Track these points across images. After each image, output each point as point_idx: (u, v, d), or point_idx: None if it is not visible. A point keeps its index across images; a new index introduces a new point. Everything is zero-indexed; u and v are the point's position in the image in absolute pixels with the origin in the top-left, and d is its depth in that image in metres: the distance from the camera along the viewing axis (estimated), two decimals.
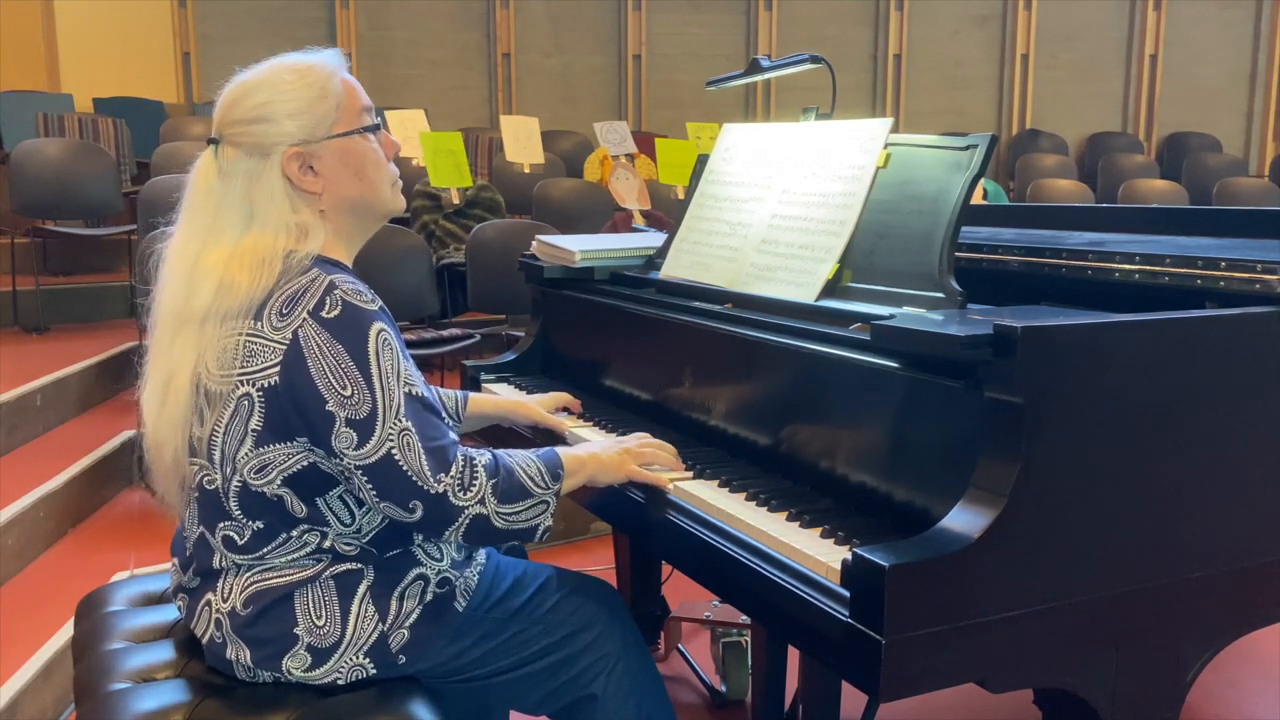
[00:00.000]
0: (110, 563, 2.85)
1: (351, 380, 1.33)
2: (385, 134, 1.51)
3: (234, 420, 1.36)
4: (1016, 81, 9.13)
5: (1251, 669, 2.58)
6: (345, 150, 1.44)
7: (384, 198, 1.50)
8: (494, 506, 1.38)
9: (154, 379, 1.42)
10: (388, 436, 1.33)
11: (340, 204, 1.45)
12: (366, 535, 1.42)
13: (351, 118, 1.45)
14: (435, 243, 5.12)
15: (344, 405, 1.32)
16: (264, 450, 1.36)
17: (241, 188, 1.40)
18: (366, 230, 1.53)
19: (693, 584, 1.66)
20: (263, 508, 1.38)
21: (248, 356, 1.35)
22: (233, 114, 1.42)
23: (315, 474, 1.37)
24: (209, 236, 1.40)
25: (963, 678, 1.17)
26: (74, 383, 4.01)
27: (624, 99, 8.51)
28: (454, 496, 1.35)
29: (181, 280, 1.40)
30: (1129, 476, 1.23)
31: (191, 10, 7.55)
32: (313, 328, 1.33)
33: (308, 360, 1.33)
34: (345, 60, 1.49)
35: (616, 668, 1.53)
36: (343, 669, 1.40)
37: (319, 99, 1.42)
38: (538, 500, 1.42)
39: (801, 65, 2.12)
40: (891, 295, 1.52)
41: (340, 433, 1.33)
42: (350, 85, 1.46)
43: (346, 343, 1.33)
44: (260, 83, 1.42)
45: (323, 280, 1.36)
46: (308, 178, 1.42)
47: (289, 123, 1.40)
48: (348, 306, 1.35)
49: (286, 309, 1.35)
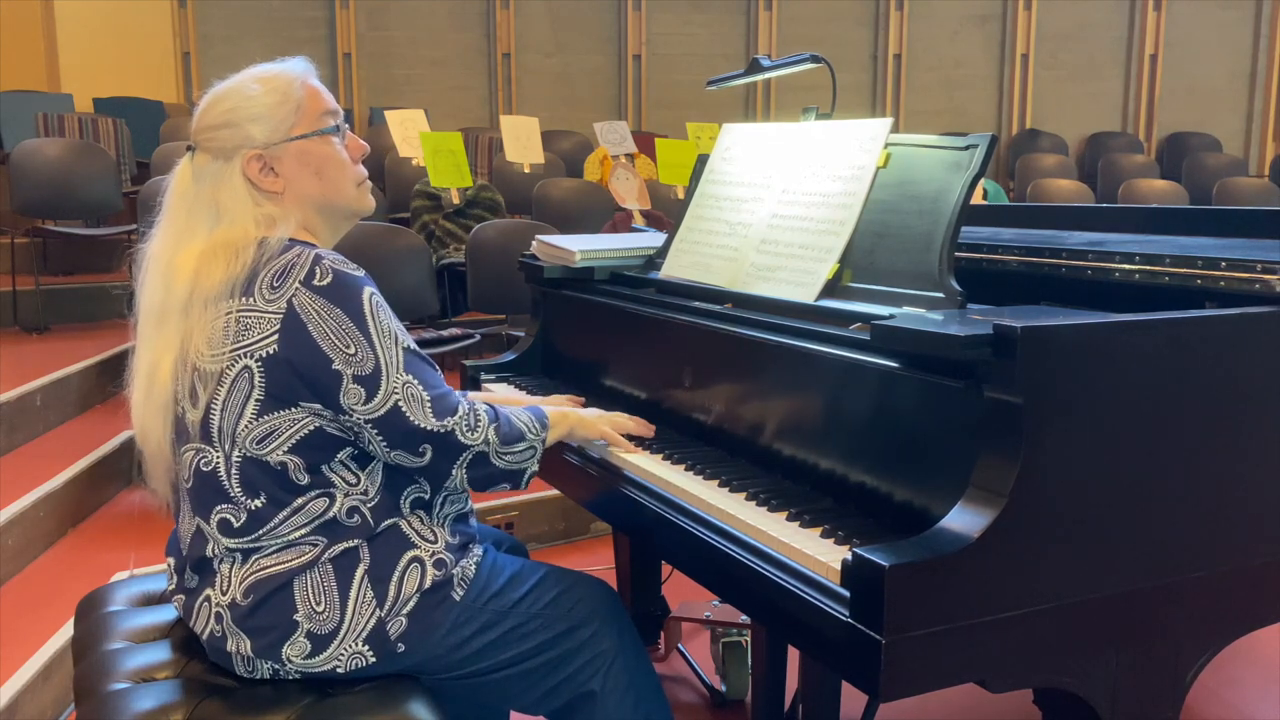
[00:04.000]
0: (110, 563, 2.85)
1: (354, 339, 1.40)
2: (353, 136, 1.59)
3: (232, 394, 1.41)
4: (1016, 81, 9.14)
5: (1251, 669, 2.58)
6: (304, 151, 1.51)
7: (347, 197, 1.57)
8: (496, 446, 1.50)
9: (139, 371, 1.50)
10: (393, 390, 1.41)
11: (303, 202, 1.52)
12: (371, 497, 1.46)
13: (311, 120, 1.52)
14: (435, 243, 5.12)
15: (349, 363, 1.40)
16: (267, 418, 1.41)
17: (210, 189, 1.49)
18: (336, 228, 1.60)
19: (693, 584, 1.66)
20: (264, 481, 1.41)
21: (242, 331, 1.40)
22: (203, 121, 1.51)
23: (321, 438, 1.43)
24: (183, 236, 1.48)
25: (963, 678, 1.17)
26: (74, 383, 4.01)
27: (624, 99, 8.51)
28: (461, 435, 1.46)
29: (158, 277, 1.48)
30: (1129, 476, 1.23)
31: (191, 10, 7.55)
32: (307, 296, 1.40)
33: (308, 325, 1.39)
34: (312, 67, 1.57)
35: (614, 665, 1.53)
36: (342, 656, 1.41)
37: (279, 104, 1.50)
38: (529, 444, 1.54)
39: (801, 65, 2.12)
40: (891, 295, 1.52)
41: (348, 389, 1.40)
42: (313, 90, 1.54)
43: (343, 305, 1.40)
44: (229, 91, 1.51)
45: (308, 254, 1.43)
46: (268, 178, 1.50)
47: (251, 127, 1.48)
48: (338, 274, 1.42)
49: (278, 281, 1.41)
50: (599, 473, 1.71)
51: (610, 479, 1.67)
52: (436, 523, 1.52)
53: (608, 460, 1.70)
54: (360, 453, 1.46)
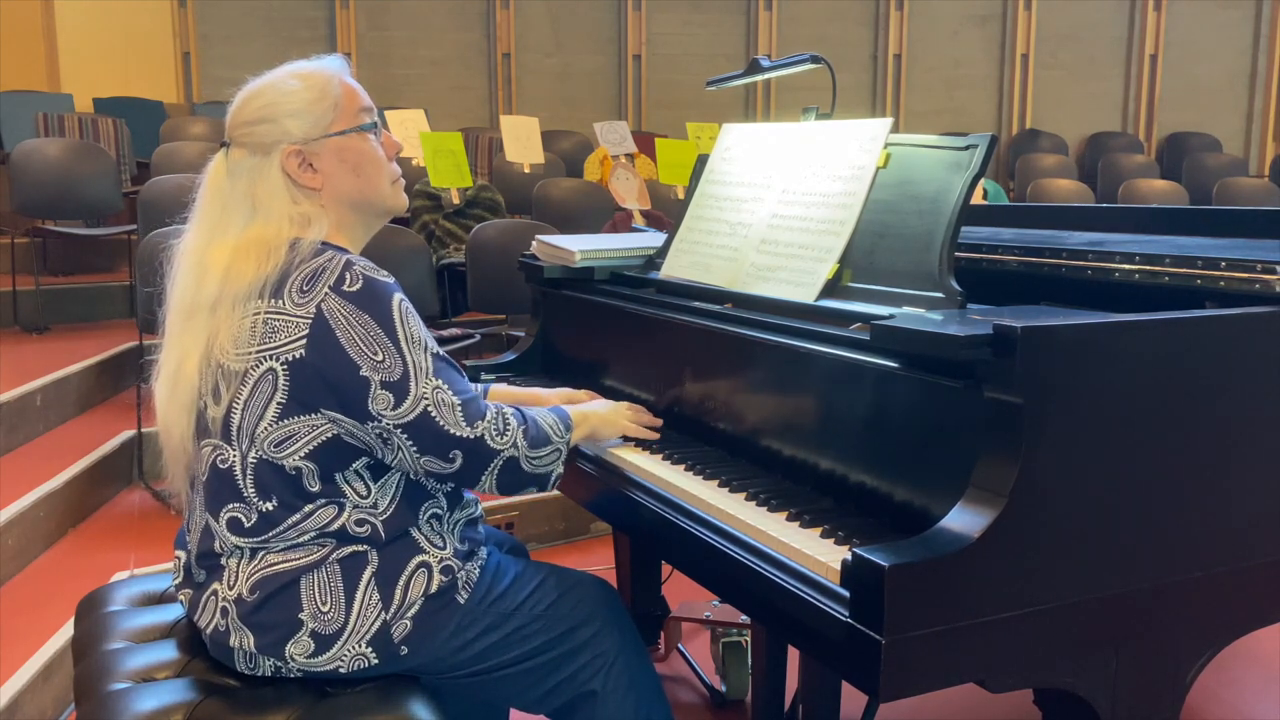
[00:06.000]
0: (110, 563, 2.85)
1: (382, 346, 1.40)
2: (386, 134, 1.58)
3: (255, 395, 1.41)
4: (1016, 81, 9.13)
5: (1251, 669, 2.58)
6: (343, 148, 1.50)
7: (383, 194, 1.56)
8: (525, 450, 1.49)
9: (165, 366, 1.49)
10: (422, 395, 1.41)
11: (340, 199, 1.51)
12: (382, 511, 1.45)
13: (349, 117, 1.51)
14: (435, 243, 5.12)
15: (378, 370, 1.39)
16: (287, 422, 1.40)
17: (245, 185, 1.48)
18: (369, 226, 1.59)
19: (693, 584, 1.66)
20: (277, 484, 1.41)
21: (269, 333, 1.40)
22: (240, 116, 1.50)
23: (338, 446, 1.42)
24: (215, 231, 1.47)
25: (963, 678, 1.17)
26: (74, 383, 4.00)
27: (624, 99, 8.50)
28: (491, 440, 1.45)
29: (190, 273, 1.47)
30: (1129, 476, 1.23)
31: (191, 10, 7.54)
32: (336, 301, 1.40)
33: (336, 331, 1.39)
34: (348, 65, 1.57)
35: (615, 665, 1.54)
36: (345, 657, 1.41)
37: (318, 100, 1.49)
38: (554, 448, 1.54)
39: (801, 65, 2.12)
40: (891, 295, 1.52)
41: (377, 395, 1.39)
42: (350, 87, 1.53)
43: (373, 312, 1.40)
44: (265, 87, 1.51)
45: (340, 259, 1.43)
46: (306, 174, 1.49)
47: (289, 122, 1.48)
48: (368, 280, 1.42)
49: (308, 285, 1.41)
50: (599, 473, 1.71)
51: (610, 479, 1.67)
52: (446, 529, 1.52)
53: (608, 460, 1.70)
54: (375, 464, 1.45)
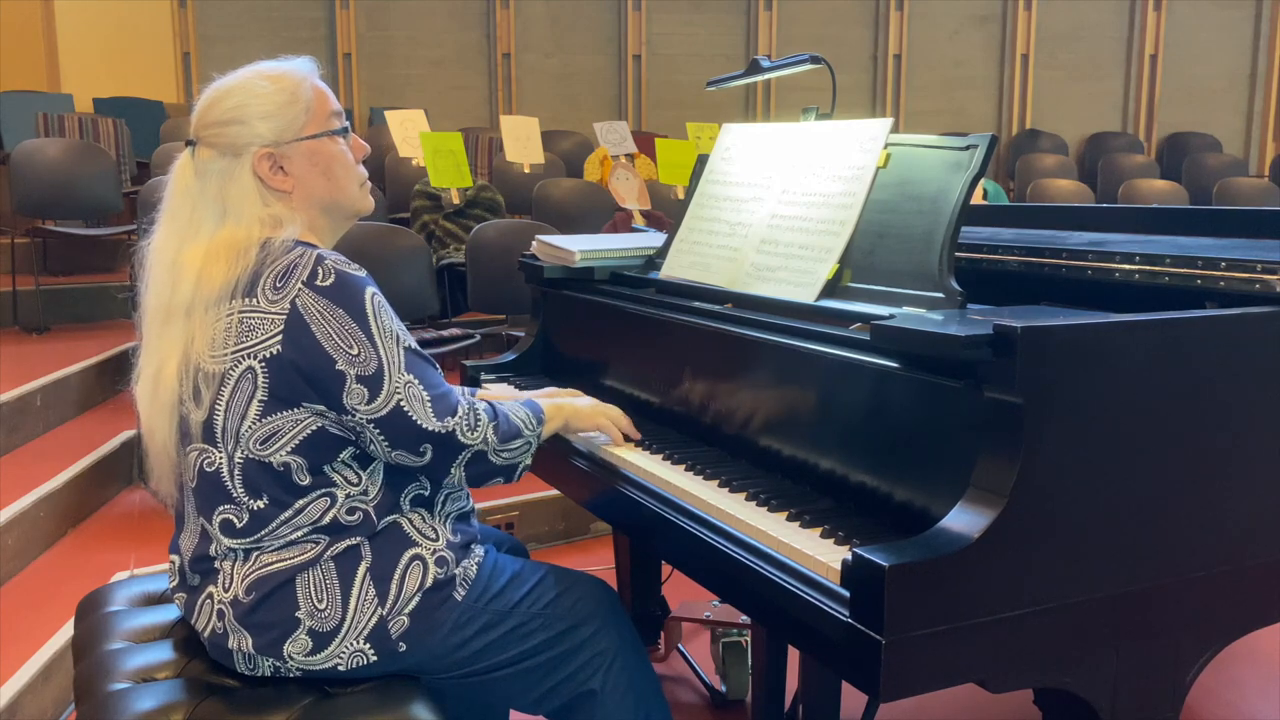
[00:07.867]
0: (110, 563, 2.85)
1: (356, 340, 1.41)
2: (355, 137, 1.60)
3: (235, 396, 1.41)
4: (1016, 81, 9.13)
5: (1251, 669, 2.58)
6: (314, 151, 1.52)
7: (353, 197, 1.58)
8: (494, 445, 1.51)
9: (145, 370, 1.50)
10: (395, 390, 1.42)
11: (311, 202, 1.52)
12: (372, 497, 1.47)
13: (321, 121, 1.53)
14: (435, 243, 5.12)
15: (353, 364, 1.40)
16: (270, 419, 1.41)
17: (216, 186, 1.48)
18: (338, 228, 1.60)
19: (693, 584, 1.66)
20: (266, 482, 1.42)
21: (245, 332, 1.41)
22: (208, 116, 1.50)
23: (323, 438, 1.43)
24: (186, 233, 1.48)
25: (963, 678, 1.17)
26: (74, 383, 4.01)
27: (624, 99, 8.51)
28: (461, 435, 1.47)
29: (163, 277, 1.47)
30: (1129, 476, 1.23)
31: (191, 10, 7.55)
32: (310, 296, 1.40)
33: (311, 326, 1.40)
34: (317, 67, 1.57)
35: (614, 664, 1.54)
36: (343, 655, 1.42)
37: (289, 103, 1.50)
38: (524, 440, 1.56)
39: (801, 65, 2.12)
40: (891, 295, 1.52)
41: (351, 389, 1.40)
42: (320, 90, 1.54)
43: (346, 306, 1.41)
44: (235, 87, 1.50)
45: (311, 254, 1.43)
46: (278, 177, 1.49)
47: (260, 124, 1.48)
48: (340, 274, 1.42)
49: (280, 282, 1.41)
50: (599, 473, 1.71)
51: (610, 479, 1.67)
52: (438, 521, 1.53)
53: (608, 460, 1.70)
54: (362, 453, 1.47)
